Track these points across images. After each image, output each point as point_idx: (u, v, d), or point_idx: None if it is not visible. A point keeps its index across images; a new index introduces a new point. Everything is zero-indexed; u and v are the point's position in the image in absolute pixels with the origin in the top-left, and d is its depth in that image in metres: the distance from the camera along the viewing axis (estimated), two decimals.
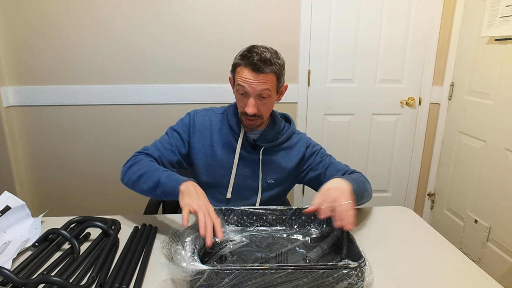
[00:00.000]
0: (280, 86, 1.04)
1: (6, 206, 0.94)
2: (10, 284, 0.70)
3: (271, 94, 1.00)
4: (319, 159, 1.14)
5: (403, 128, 2.25)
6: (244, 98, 1.01)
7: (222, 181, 1.10)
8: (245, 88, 0.97)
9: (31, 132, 1.97)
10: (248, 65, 0.96)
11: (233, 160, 1.08)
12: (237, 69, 0.99)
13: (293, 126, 1.16)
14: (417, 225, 1.03)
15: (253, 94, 0.98)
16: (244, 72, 0.97)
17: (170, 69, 1.97)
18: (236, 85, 1.00)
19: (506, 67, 1.64)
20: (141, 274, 0.76)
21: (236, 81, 1.00)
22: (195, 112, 1.13)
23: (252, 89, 0.97)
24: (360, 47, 2.07)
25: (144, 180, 0.94)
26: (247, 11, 1.93)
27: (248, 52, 0.98)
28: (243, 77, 0.97)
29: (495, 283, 0.76)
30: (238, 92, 1.01)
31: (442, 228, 2.19)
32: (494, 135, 1.73)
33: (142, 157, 1.01)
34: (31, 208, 1.01)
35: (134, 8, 1.86)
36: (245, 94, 0.99)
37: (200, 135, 1.10)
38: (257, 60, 0.95)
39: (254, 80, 0.96)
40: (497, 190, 1.70)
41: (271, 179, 1.12)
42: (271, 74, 0.97)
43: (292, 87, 2.08)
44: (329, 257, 0.83)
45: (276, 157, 1.11)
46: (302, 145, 1.14)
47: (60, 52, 1.88)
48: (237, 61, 1.00)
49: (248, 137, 1.10)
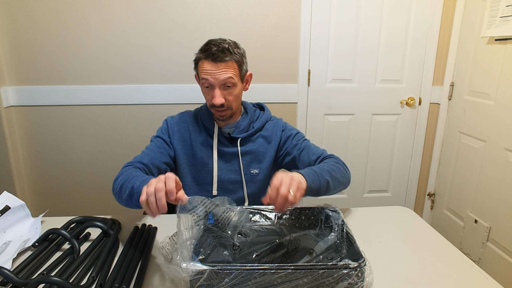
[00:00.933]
0: (244, 74, 1.05)
1: (6, 206, 0.94)
2: (10, 284, 0.70)
3: (235, 82, 1.01)
4: (294, 142, 1.13)
5: (403, 128, 2.25)
6: (210, 91, 1.02)
7: (206, 179, 1.11)
8: (209, 80, 0.99)
9: (31, 132, 1.97)
10: (207, 57, 0.98)
11: (213, 157, 1.10)
12: (199, 64, 1.01)
13: (268, 112, 1.17)
14: (417, 225, 1.03)
15: (217, 84, 0.99)
16: (205, 64, 0.98)
17: (170, 69, 1.97)
18: (201, 79, 1.01)
19: (506, 67, 1.64)
20: (141, 274, 0.76)
21: (199, 75, 1.02)
22: (171, 118, 1.17)
23: (215, 79, 0.98)
24: (360, 47, 2.07)
25: (124, 190, 0.87)
26: (247, 10, 1.93)
27: (206, 46, 1.00)
28: (205, 69, 0.98)
29: (495, 283, 0.76)
30: (203, 86, 1.02)
31: (442, 228, 2.19)
32: (494, 135, 1.73)
33: (126, 168, 0.97)
34: (31, 208, 1.01)
35: (134, 8, 1.86)
36: (210, 87, 1.01)
37: (180, 136, 1.12)
38: (215, 51, 0.97)
39: (215, 70, 0.97)
40: (497, 190, 1.70)
41: (254, 169, 1.12)
42: (232, 62, 0.99)
43: (292, 87, 2.08)
44: (331, 255, 0.83)
45: (254, 146, 1.12)
46: (278, 129, 1.15)
47: (60, 52, 1.88)
48: (197, 56, 1.02)
49: (223, 132, 1.11)
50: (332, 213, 0.89)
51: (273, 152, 1.13)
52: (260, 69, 2.02)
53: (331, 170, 0.98)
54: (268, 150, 1.13)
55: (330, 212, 0.90)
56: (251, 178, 1.12)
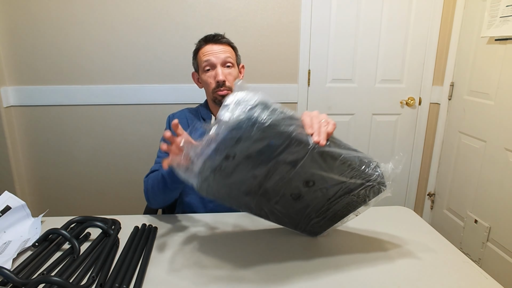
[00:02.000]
0: (238, 61, 1.16)
1: (7, 206, 0.94)
2: (10, 284, 0.70)
3: (233, 63, 1.10)
4: None
5: (403, 128, 2.25)
6: (212, 72, 1.09)
7: None
8: (211, 60, 1.07)
9: (31, 132, 1.97)
10: (207, 41, 1.10)
11: None
12: (199, 52, 1.11)
13: None
14: (417, 225, 1.03)
15: (219, 62, 1.07)
16: (206, 47, 1.09)
17: (170, 69, 1.97)
18: (203, 62, 1.08)
19: (506, 67, 1.64)
20: (141, 274, 0.76)
21: (201, 61, 1.09)
22: (173, 114, 1.21)
23: (217, 58, 1.07)
24: (360, 47, 2.07)
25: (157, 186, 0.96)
26: (247, 11, 1.93)
27: (202, 37, 1.12)
28: (206, 51, 1.08)
29: (495, 283, 0.76)
30: (204, 70, 1.09)
31: (442, 228, 2.19)
32: (494, 135, 1.73)
33: (147, 178, 1.04)
34: (31, 208, 1.01)
35: (134, 8, 1.86)
36: (212, 68, 1.08)
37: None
38: (213, 35, 1.11)
39: (216, 50, 1.08)
40: (497, 190, 1.70)
41: None
42: (228, 45, 1.11)
43: (292, 87, 2.08)
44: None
45: None
46: None
47: (60, 52, 1.88)
48: (197, 45, 1.13)
49: None
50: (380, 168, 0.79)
51: None
52: (260, 69, 2.02)
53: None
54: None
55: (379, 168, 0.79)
56: None
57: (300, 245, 0.89)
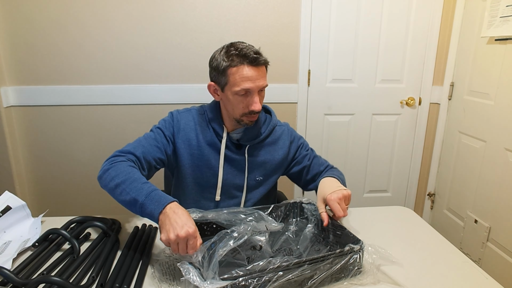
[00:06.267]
0: None
1: (7, 206, 0.94)
2: (10, 284, 0.70)
3: (267, 85, 1.00)
4: (304, 153, 1.17)
5: (403, 128, 2.25)
6: (245, 98, 0.97)
7: (210, 181, 1.08)
8: (250, 88, 0.94)
9: (31, 132, 1.97)
10: (246, 62, 0.93)
11: (219, 161, 1.07)
12: (231, 70, 0.94)
13: (274, 117, 1.15)
14: (417, 225, 1.03)
15: (256, 89, 0.96)
16: (245, 70, 0.93)
17: (170, 69, 1.97)
18: (238, 86, 0.94)
19: (506, 67, 1.64)
20: (142, 274, 0.76)
21: (233, 83, 0.95)
22: (178, 112, 1.10)
23: (257, 86, 0.95)
24: (360, 47, 2.07)
25: (120, 192, 0.84)
26: (247, 11, 1.93)
27: (236, 51, 0.93)
28: (246, 76, 0.93)
29: (495, 283, 0.76)
30: (237, 93, 0.95)
31: (442, 228, 2.19)
32: (494, 135, 1.73)
33: (120, 160, 0.92)
34: (31, 208, 1.01)
35: (134, 8, 1.86)
36: (247, 93, 0.96)
37: (185, 135, 1.05)
38: (254, 54, 0.93)
39: (256, 75, 0.94)
40: (497, 190, 1.70)
41: (260, 176, 1.11)
42: (264, 66, 0.98)
43: (292, 87, 2.08)
44: (317, 246, 0.90)
45: (261, 153, 1.11)
46: (286, 138, 1.15)
47: (60, 52, 1.88)
48: (229, 62, 0.94)
49: (231, 137, 1.07)
50: (307, 205, 0.99)
51: (280, 161, 1.13)
52: None
53: (342, 178, 1.10)
54: (275, 158, 1.12)
55: (305, 205, 1.00)
56: (255, 185, 1.12)
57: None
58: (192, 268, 0.68)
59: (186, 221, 0.74)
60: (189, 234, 0.72)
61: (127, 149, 0.97)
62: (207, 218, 0.86)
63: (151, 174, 1.02)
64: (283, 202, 1.00)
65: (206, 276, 0.67)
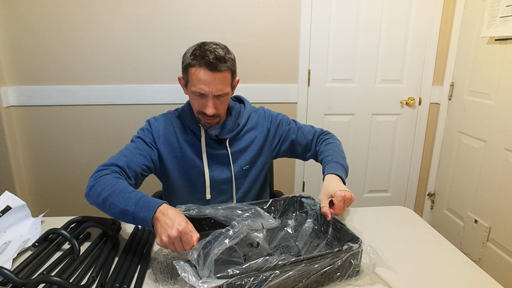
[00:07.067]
0: (234, 82, 1.02)
1: (7, 206, 0.94)
2: (10, 284, 0.71)
3: (228, 92, 0.98)
4: (286, 127, 1.17)
5: (403, 128, 2.25)
6: (201, 99, 0.97)
7: (198, 181, 1.09)
8: (203, 89, 0.94)
9: (31, 132, 1.97)
10: (203, 65, 0.92)
11: (203, 160, 1.07)
12: (191, 70, 0.94)
13: (248, 105, 1.16)
14: (417, 225, 1.03)
15: (211, 94, 0.95)
16: (201, 73, 0.92)
17: (170, 69, 1.97)
18: (192, 87, 0.96)
19: (506, 67, 1.64)
20: (142, 274, 0.76)
21: (191, 82, 0.96)
22: (155, 119, 1.11)
23: (210, 90, 0.94)
24: (360, 47, 2.07)
25: (109, 205, 0.83)
26: (247, 11, 1.93)
27: (200, 51, 0.93)
28: (200, 78, 0.93)
29: (495, 283, 0.76)
30: (194, 94, 0.97)
31: (442, 228, 2.19)
32: (494, 135, 1.73)
33: (104, 174, 0.93)
34: (31, 208, 1.01)
35: (134, 8, 1.86)
36: (202, 95, 0.96)
37: (165, 139, 1.07)
38: (212, 59, 0.91)
39: (211, 80, 0.93)
40: (497, 190, 1.70)
41: (246, 165, 1.12)
42: (227, 72, 0.95)
43: (292, 87, 2.08)
44: (316, 242, 0.90)
45: (243, 143, 1.12)
46: (263, 121, 1.16)
47: (60, 52, 1.88)
48: (190, 61, 0.94)
49: (210, 134, 1.08)
50: (306, 200, 0.99)
51: (262, 143, 1.14)
52: (260, 69, 2.02)
53: (343, 157, 1.08)
54: (257, 144, 1.13)
55: (304, 199, 0.99)
56: (243, 174, 1.13)
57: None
58: (188, 266, 0.68)
59: (175, 220, 0.74)
60: (180, 232, 0.73)
61: (110, 162, 0.98)
62: (205, 214, 0.86)
63: (138, 182, 1.01)
64: (282, 197, 1.00)
65: (202, 274, 0.67)
